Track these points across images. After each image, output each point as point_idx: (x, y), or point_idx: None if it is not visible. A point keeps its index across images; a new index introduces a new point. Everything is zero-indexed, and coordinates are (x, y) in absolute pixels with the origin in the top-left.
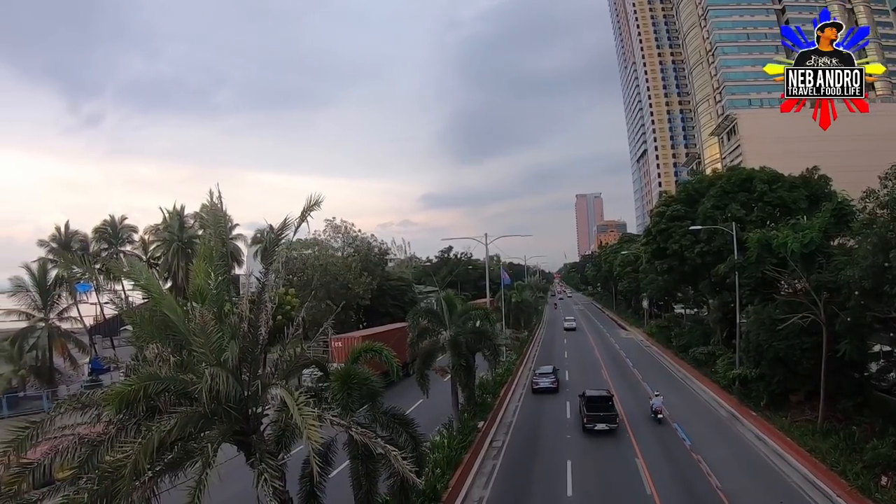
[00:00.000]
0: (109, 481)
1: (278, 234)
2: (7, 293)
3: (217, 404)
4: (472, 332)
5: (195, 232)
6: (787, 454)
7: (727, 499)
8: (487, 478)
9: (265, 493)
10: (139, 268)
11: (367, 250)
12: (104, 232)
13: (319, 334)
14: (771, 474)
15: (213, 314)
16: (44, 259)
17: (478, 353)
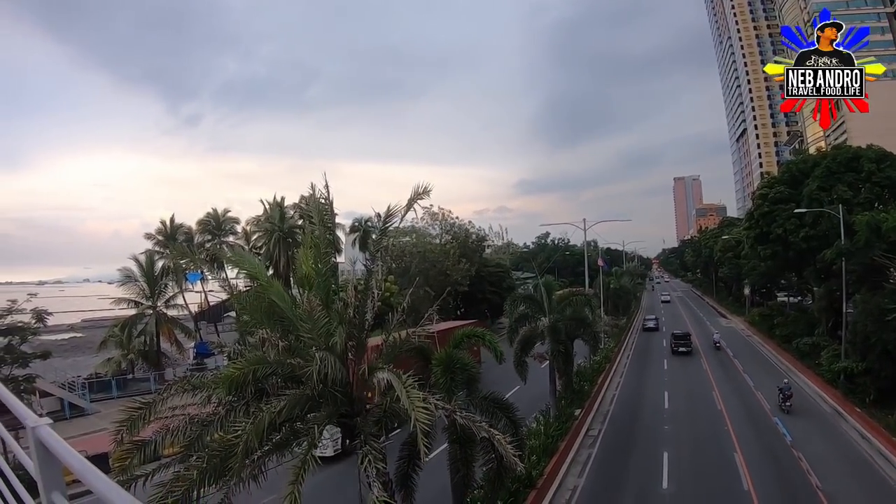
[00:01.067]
0: (219, 459)
1: (386, 223)
2: (117, 283)
3: (324, 387)
4: (571, 319)
5: (295, 222)
6: (894, 456)
7: (827, 501)
8: (582, 467)
9: (369, 473)
10: (248, 257)
11: (464, 237)
12: (208, 224)
13: (425, 320)
14: (874, 476)
15: (320, 301)
16: (151, 251)
17: (576, 341)
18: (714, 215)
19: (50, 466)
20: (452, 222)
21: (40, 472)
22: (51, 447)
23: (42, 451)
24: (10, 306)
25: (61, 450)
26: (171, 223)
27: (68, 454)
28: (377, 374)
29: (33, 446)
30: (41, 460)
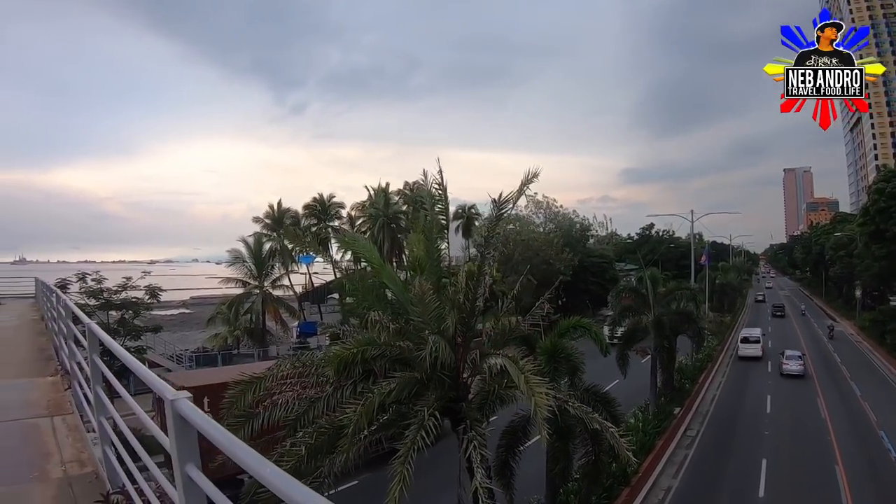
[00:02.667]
0: (327, 436)
1: (501, 209)
2: (225, 263)
3: (432, 371)
4: (676, 314)
5: (399, 208)
6: None
7: None
8: (678, 467)
9: (473, 459)
10: (361, 241)
11: (568, 226)
12: (314, 208)
13: (536, 307)
14: None
15: (432, 285)
16: (259, 233)
17: (679, 337)
18: (825, 210)
19: (186, 438)
20: (557, 211)
21: (177, 444)
22: (189, 419)
23: (180, 423)
24: (125, 283)
25: (201, 421)
26: (279, 207)
27: (208, 425)
28: (489, 359)
29: (171, 418)
30: (178, 432)
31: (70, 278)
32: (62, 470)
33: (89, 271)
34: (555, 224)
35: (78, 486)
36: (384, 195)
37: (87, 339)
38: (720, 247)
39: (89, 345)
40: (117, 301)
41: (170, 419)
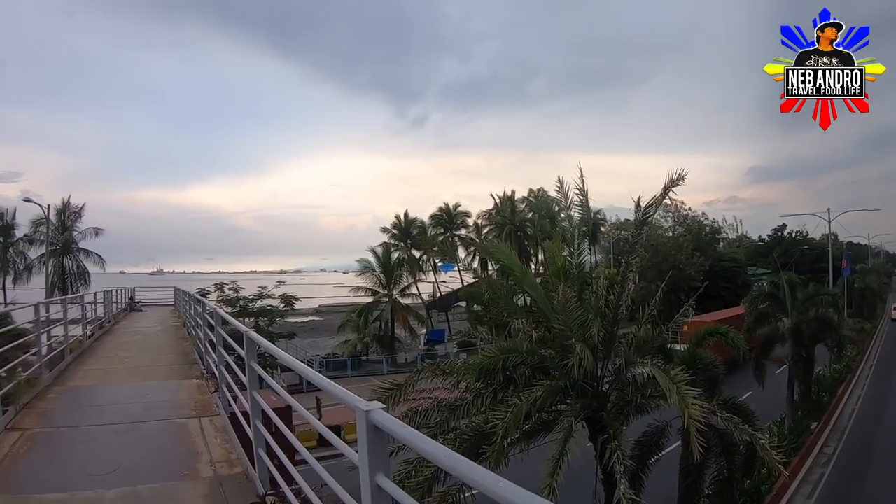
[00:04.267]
0: (469, 444)
1: (645, 213)
2: (354, 272)
3: (574, 380)
4: (815, 321)
5: (525, 215)
6: None
7: None
8: (813, 487)
9: (617, 469)
10: (503, 248)
11: (698, 229)
12: (440, 218)
13: (680, 315)
14: None
15: (575, 292)
16: (387, 243)
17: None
18: None
19: (379, 448)
20: (685, 214)
21: (368, 453)
22: (385, 428)
23: (373, 433)
24: (261, 292)
25: (397, 429)
26: (406, 218)
27: (406, 433)
28: (635, 368)
29: (364, 428)
30: (371, 442)
31: (209, 288)
32: (212, 469)
33: (226, 281)
34: (684, 227)
35: (228, 485)
36: (510, 203)
37: (245, 347)
38: (858, 248)
39: (247, 352)
40: (253, 309)
41: (362, 428)
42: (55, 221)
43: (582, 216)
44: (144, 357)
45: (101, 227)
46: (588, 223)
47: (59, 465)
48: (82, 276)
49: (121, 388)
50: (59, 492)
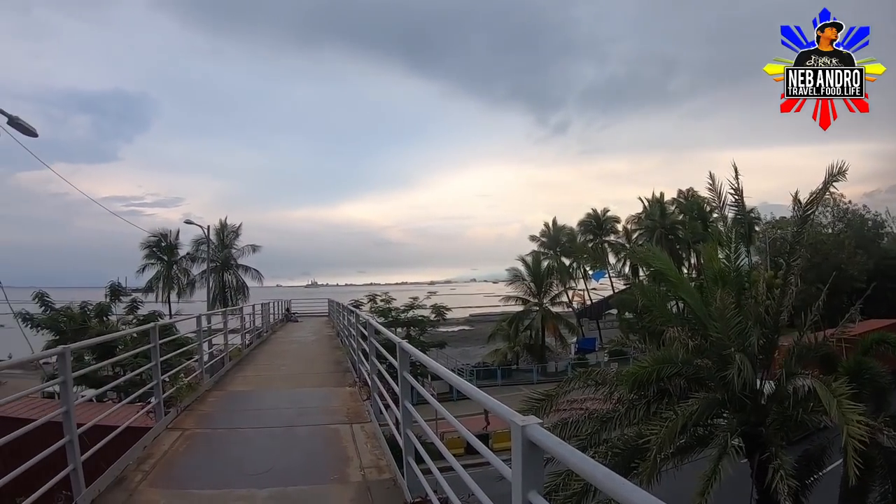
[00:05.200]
0: (621, 458)
1: (806, 210)
2: (504, 282)
3: (732, 392)
4: None
5: (675, 217)
6: None
7: None
8: None
9: (780, 490)
10: (658, 254)
11: (859, 224)
12: (589, 224)
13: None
14: None
15: (732, 298)
16: (536, 252)
17: None
18: None
19: (534, 465)
20: (845, 208)
21: (522, 470)
22: (541, 444)
23: (529, 448)
24: (412, 302)
25: (553, 446)
26: (554, 225)
27: (563, 450)
28: (795, 380)
29: (519, 444)
30: (526, 458)
31: (361, 299)
32: (361, 474)
33: (378, 292)
34: (844, 223)
35: (376, 490)
36: (659, 205)
37: (397, 357)
38: None
39: (399, 362)
40: (404, 319)
41: (517, 444)
42: (215, 240)
43: (737, 216)
44: (299, 365)
45: (258, 243)
46: (744, 223)
47: (216, 464)
48: (241, 289)
49: (276, 393)
50: (214, 488)
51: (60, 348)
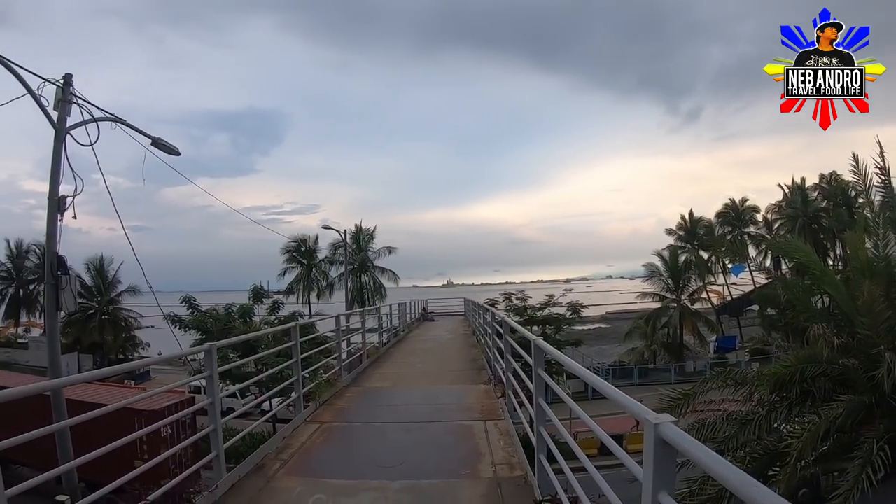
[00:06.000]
0: (759, 463)
1: None
2: (640, 278)
3: (881, 394)
4: None
5: (819, 204)
6: None
7: None
8: None
9: None
10: (799, 245)
11: None
12: (727, 215)
13: None
14: None
15: (882, 291)
16: (673, 246)
17: None
18: None
19: (666, 465)
20: None
21: (654, 470)
22: (674, 444)
23: (661, 447)
24: (548, 300)
25: (688, 446)
26: (690, 217)
27: (696, 450)
28: None
29: (652, 442)
30: (658, 457)
31: (496, 298)
32: (492, 471)
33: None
34: None
35: (506, 487)
36: (801, 192)
37: (532, 354)
38: None
39: (534, 359)
40: (540, 317)
41: (649, 442)
42: (351, 244)
43: (885, 199)
44: (435, 363)
45: (393, 245)
46: (892, 207)
47: (350, 455)
48: (378, 290)
49: (412, 390)
50: (348, 478)
51: (207, 345)
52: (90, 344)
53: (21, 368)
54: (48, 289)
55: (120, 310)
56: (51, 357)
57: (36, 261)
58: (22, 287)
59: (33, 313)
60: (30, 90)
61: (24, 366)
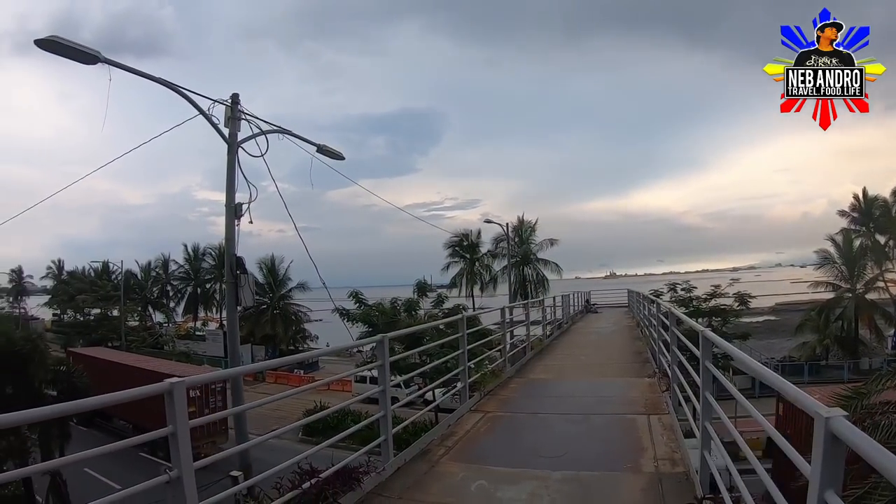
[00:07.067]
0: None
1: None
2: (812, 266)
3: None
4: None
5: None
6: None
7: None
8: None
9: None
10: None
11: None
12: None
13: None
14: None
15: None
16: (846, 230)
17: None
18: None
19: (835, 461)
20: None
21: (822, 465)
22: (845, 439)
23: (831, 442)
24: (714, 291)
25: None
26: (864, 196)
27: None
28: None
29: (822, 437)
30: (827, 453)
31: (661, 289)
32: (654, 465)
33: (677, 281)
34: None
35: (667, 483)
36: None
37: (700, 347)
38: None
39: (702, 352)
40: (706, 309)
41: (818, 437)
42: (513, 237)
43: None
44: (599, 355)
45: (555, 237)
46: None
47: (513, 444)
48: (541, 282)
49: (575, 382)
50: (510, 467)
51: (379, 336)
52: (263, 336)
53: (198, 359)
54: (228, 287)
55: (290, 305)
56: (231, 348)
57: (212, 262)
58: (199, 286)
59: (210, 309)
60: (202, 111)
61: (202, 355)
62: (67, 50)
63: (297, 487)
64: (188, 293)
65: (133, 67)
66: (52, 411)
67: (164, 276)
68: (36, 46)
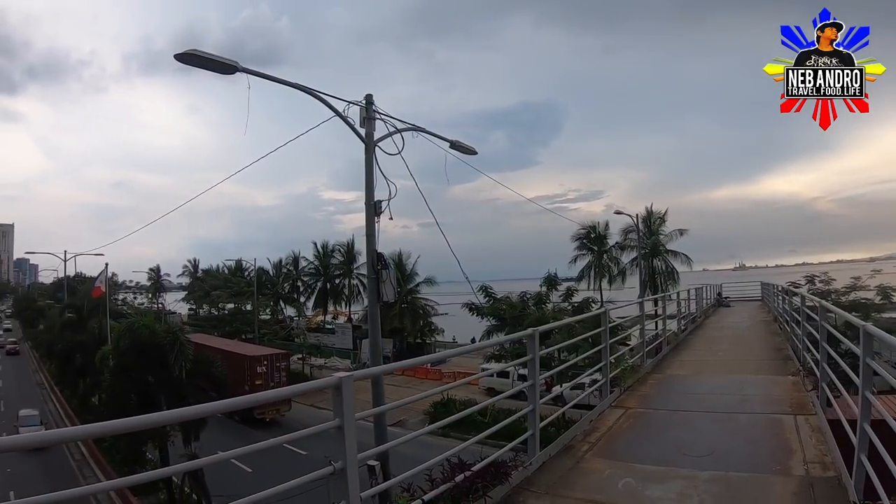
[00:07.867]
0: None
1: None
2: None
3: None
4: None
5: None
6: None
7: None
8: None
9: None
10: None
11: None
12: None
13: None
14: None
15: None
16: None
17: None
18: None
19: None
20: None
21: None
22: None
23: None
24: (853, 283)
25: None
26: None
27: None
28: None
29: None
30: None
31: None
32: (804, 468)
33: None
34: None
35: (818, 487)
36: None
37: (860, 342)
38: None
39: (863, 348)
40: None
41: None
42: (642, 228)
43: None
44: (736, 351)
45: (683, 227)
46: None
47: (657, 442)
48: (671, 275)
49: (715, 379)
50: (656, 465)
51: (530, 330)
52: (391, 329)
53: (328, 351)
54: (369, 282)
55: (418, 299)
56: (372, 340)
57: (340, 258)
58: (329, 281)
59: (339, 303)
60: (338, 113)
61: (332, 348)
62: (206, 62)
63: (451, 480)
64: (318, 288)
65: (270, 75)
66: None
67: (294, 272)
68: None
